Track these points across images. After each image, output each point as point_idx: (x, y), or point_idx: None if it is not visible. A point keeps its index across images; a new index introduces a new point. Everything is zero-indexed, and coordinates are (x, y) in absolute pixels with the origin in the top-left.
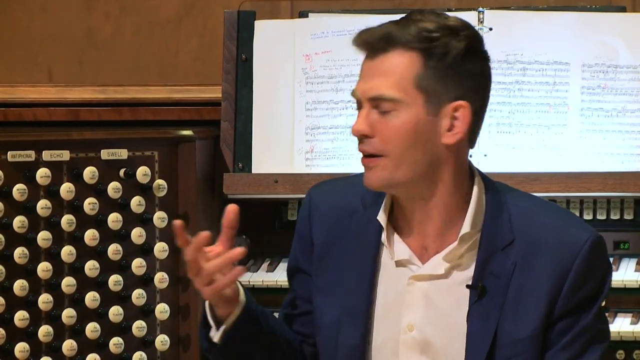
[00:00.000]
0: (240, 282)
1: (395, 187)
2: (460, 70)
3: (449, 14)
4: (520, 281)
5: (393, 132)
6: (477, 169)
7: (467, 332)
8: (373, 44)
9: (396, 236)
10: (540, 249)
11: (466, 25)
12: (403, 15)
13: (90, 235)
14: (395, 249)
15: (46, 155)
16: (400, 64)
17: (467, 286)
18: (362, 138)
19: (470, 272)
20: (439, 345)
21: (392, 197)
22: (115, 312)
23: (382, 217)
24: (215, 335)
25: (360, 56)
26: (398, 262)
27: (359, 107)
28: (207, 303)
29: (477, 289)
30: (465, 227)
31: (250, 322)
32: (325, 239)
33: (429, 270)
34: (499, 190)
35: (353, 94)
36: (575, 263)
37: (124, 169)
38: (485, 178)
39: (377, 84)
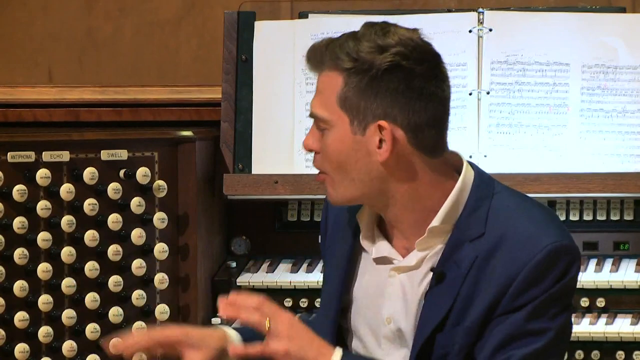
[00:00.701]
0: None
1: (348, 203)
2: (380, 88)
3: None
4: (477, 276)
5: (327, 151)
6: (470, 167)
7: (421, 312)
8: (311, 63)
9: (379, 234)
10: (502, 248)
11: (401, 42)
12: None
13: (90, 236)
14: (376, 247)
15: (46, 156)
16: (328, 84)
17: (431, 269)
18: (310, 152)
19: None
20: (411, 336)
21: None
22: (115, 313)
23: (359, 216)
24: None
25: None
26: (377, 259)
27: None
28: None
29: (437, 274)
30: (435, 222)
31: None
32: (330, 234)
33: (406, 262)
34: (491, 187)
35: None
36: (525, 267)
37: (124, 169)
38: (478, 175)
39: (313, 102)
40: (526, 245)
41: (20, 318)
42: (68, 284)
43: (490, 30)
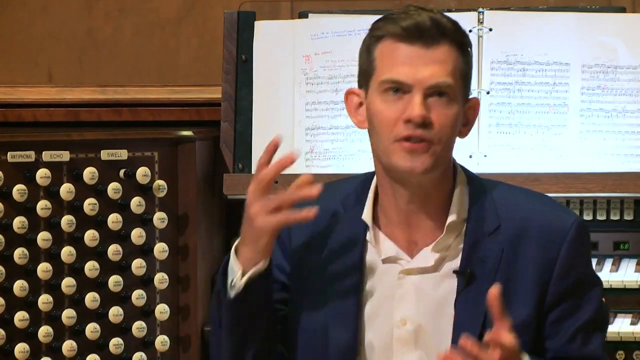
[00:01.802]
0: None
1: (432, 172)
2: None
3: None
4: (509, 267)
5: (448, 121)
6: (458, 164)
7: (455, 318)
8: (427, 32)
9: (381, 235)
10: (527, 235)
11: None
12: None
13: (90, 236)
14: (382, 247)
15: (46, 155)
16: (452, 55)
17: (455, 272)
18: (422, 123)
19: (459, 261)
20: (432, 335)
21: (377, 195)
22: (115, 313)
23: (367, 217)
24: (237, 282)
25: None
26: (385, 259)
27: (399, 91)
28: (232, 250)
29: (466, 275)
30: (452, 216)
31: (268, 282)
32: (305, 242)
33: (418, 263)
34: (481, 182)
35: (393, 78)
36: (562, 248)
37: (124, 169)
38: (467, 171)
39: (437, 72)
40: (553, 228)
41: (20, 318)
42: (68, 284)
43: (490, 30)
